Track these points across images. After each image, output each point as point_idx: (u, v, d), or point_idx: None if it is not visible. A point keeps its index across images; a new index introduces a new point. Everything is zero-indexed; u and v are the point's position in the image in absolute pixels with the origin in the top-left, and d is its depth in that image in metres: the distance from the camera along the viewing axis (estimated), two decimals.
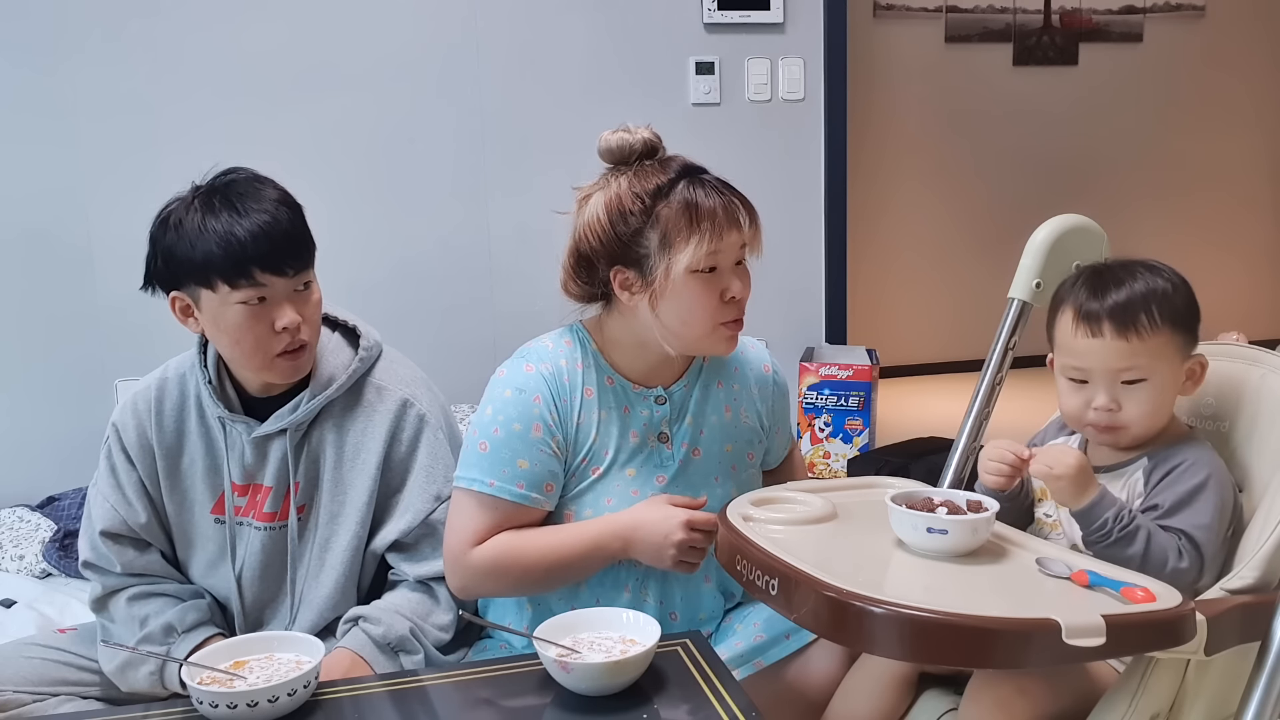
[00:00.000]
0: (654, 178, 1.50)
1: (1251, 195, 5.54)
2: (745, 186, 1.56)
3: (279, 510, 1.62)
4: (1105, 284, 1.38)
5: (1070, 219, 1.67)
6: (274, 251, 1.50)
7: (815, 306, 3.58)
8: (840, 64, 3.46)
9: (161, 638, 1.58)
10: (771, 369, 1.73)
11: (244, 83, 3.10)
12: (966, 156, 5.14)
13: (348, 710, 1.30)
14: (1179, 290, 1.38)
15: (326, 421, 1.63)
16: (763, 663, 1.58)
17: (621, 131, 1.54)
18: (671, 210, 1.48)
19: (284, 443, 1.61)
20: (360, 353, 1.65)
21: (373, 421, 1.63)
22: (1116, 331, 1.35)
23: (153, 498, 1.65)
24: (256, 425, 1.61)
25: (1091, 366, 1.38)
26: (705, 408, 1.62)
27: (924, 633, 1.09)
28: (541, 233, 1.63)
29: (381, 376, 1.66)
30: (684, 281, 1.48)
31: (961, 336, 5.05)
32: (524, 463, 1.52)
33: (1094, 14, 5.20)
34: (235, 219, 1.49)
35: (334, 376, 1.62)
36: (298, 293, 1.55)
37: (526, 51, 3.27)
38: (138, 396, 1.66)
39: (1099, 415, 1.37)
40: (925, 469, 2.65)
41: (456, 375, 1.67)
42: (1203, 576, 1.31)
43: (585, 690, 1.29)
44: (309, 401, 1.60)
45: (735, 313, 1.53)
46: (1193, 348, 1.39)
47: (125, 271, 3.06)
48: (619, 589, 1.58)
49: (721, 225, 1.48)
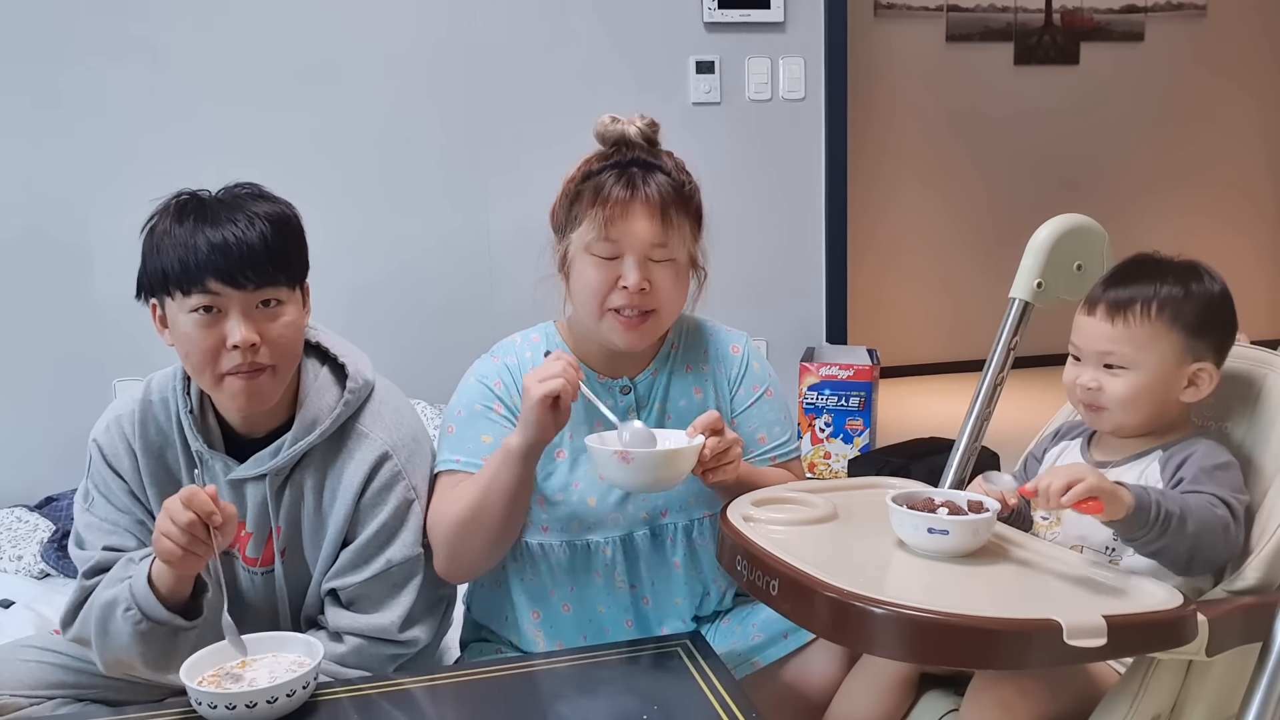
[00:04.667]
0: (599, 161, 1.55)
1: (1252, 195, 5.54)
2: (745, 186, 1.56)
3: (260, 556, 1.57)
4: (1125, 274, 1.43)
5: (1071, 219, 1.67)
6: (231, 261, 1.41)
7: (816, 306, 3.58)
8: (841, 63, 3.46)
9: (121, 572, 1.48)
10: (742, 350, 1.68)
11: (243, 83, 3.10)
12: (967, 156, 5.14)
13: (348, 710, 1.30)
14: (1196, 298, 1.38)
15: (309, 466, 1.54)
16: (760, 662, 1.58)
17: (607, 118, 1.58)
18: (586, 189, 1.52)
19: (262, 487, 1.53)
20: (346, 395, 1.54)
21: (348, 469, 1.53)
22: (1106, 314, 1.39)
23: (143, 521, 1.55)
24: (235, 465, 1.52)
25: (1081, 344, 1.42)
26: (672, 393, 1.62)
27: (924, 633, 1.08)
28: (541, 232, 1.63)
29: (367, 422, 1.56)
30: (580, 260, 1.52)
31: (962, 336, 5.04)
32: (488, 437, 1.56)
33: (1095, 13, 5.20)
34: (200, 228, 1.43)
35: (318, 420, 1.52)
36: (259, 309, 1.45)
37: (526, 51, 3.27)
38: (122, 418, 1.56)
39: (1082, 391, 1.41)
40: (926, 469, 2.65)
41: (456, 375, 1.66)
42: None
43: (642, 484, 1.39)
44: (290, 447, 1.51)
45: (623, 300, 1.50)
46: (1203, 355, 1.38)
47: (125, 272, 3.05)
48: (590, 574, 1.59)
49: (620, 213, 1.49)
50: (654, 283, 1.51)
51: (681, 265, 1.55)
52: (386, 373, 1.68)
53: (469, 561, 1.55)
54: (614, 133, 1.57)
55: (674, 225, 1.51)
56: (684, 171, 1.57)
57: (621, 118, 1.57)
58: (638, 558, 1.60)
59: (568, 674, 1.40)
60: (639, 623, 1.62)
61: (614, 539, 1.59)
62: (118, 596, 1.43)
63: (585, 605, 1.61)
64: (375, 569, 1.53)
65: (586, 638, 1.61)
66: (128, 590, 1.42)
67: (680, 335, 1.66)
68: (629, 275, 1.50)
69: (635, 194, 1.50)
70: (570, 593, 1.60)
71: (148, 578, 1.41)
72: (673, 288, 1.54)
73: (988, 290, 3.27)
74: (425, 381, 2.92)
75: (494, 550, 1.55)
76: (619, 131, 1.56)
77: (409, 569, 1.55)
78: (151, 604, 1.41)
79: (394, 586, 1.54)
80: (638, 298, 1.50)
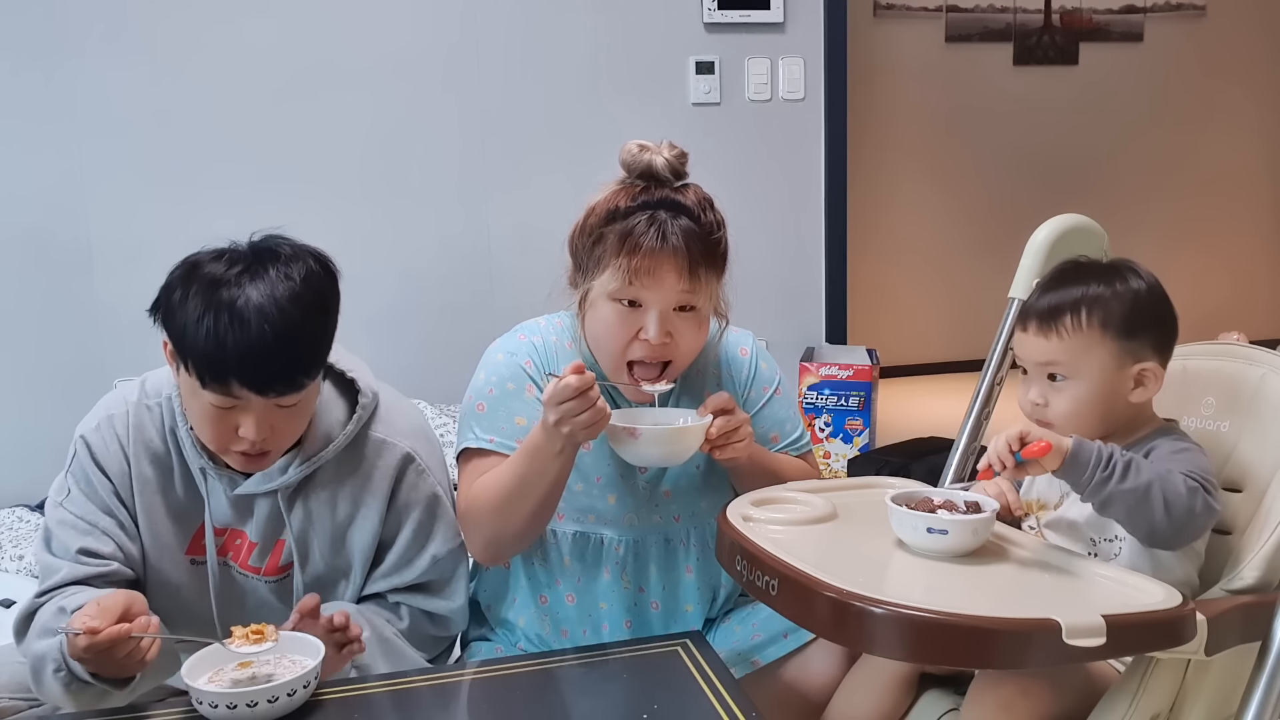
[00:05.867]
0: (627, 199, 1.50)
1: (1252, 194, 5.54)
2: (745, 187, 1.56)
3: (264, 565, 1.56)
4: (1053, 284, 1.43)
5: (1070, 219, 1.67)
6: (260, 376, 1.36)
7: (815, 306, 3.58)
8: (840, 64, 3.46)
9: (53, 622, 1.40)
10: (750, 351, 1.68)
11: (244, 82, 3.10)
12: (966, 156, 5.14)
13: (349, 710, 1.30)
14: (1122, 298, 1.37)
15: (322, 476, 1.52)
16: (760, 662, 1.58)
17: (635, 146, 1.54)
18: (614, 234, 1.48)
19: (270, 501, 1.52)
20: (358, 411, 1.53)
21: (373, 477, 1.53)
22: (1038, 328, 1.40)
23: (124, 525, 1.51)
24: (240, 480, 1.50)
25: (1023, 359, 1.44)
26: (683, 401, 1.62)
27: (924, 633, 1.09)
28: (541, 232, 1.63)
29: (381, 429, 1.55)
30: (602, 304, 1.50)
31: (962, 336, 5.04)
32: (521, 419, 1.55)
33: (1094, 13, 5.20)
34: (231, 328, 1.33)
35: (329, 435, 1.51)
36: (277, 409, 1.41)
37: (526, 51, 3.27)
38: (114, 418, 1.52)
39: (1030, 407, 1.43)
40: (926, 469, 2.65)
41: (456, 375, 1.66)
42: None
43: (651, 458, 1.46)
44: (301, 465, 1.50)
45: (643, 352, 1.49)
46: (1143, 355, 1.37)
47: (125, 271, 3.09)
48: (599, 570, 1.60)
49: (649, 265, 1.46)
50: (674, 334, 1.50)
51: (704, 314, 1.54)
52: (387, 373, 1.68)
53: (509, 542, 1.57)
54: (641, 163, 1.52)
55: (701, 281, 1.49)
56: (710, 208, 1.53)
57: (650, 145, 1.53)
58: (648, 561, 1.61)
59: (568, 673, 1.40)
60: (639, 626, 1.62)
61: (627, 540, 1.59)
62: (47, 654, 1.37)
63: (589, 598, 1.61)
64: (422, 566, 1.55)
65: (586, 632, 1.62)
66: (58, 650, 1.35)
67: None
68: (650, 328, 1.48)
69: (664, 245, 1.46)
70: (577, 584, 1.61)
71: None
72: (693, 338, 1.53)
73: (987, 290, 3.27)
74: (425, 381, 2.92)
75: (534, 531, 1.56)
76: (646, 162, 1.52)
77: (455, 558, 1.59)
78: (80, 670, 1.34)
79: (447, 577, 1.58)
80: (658, 350, 1.49)
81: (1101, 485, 1.25)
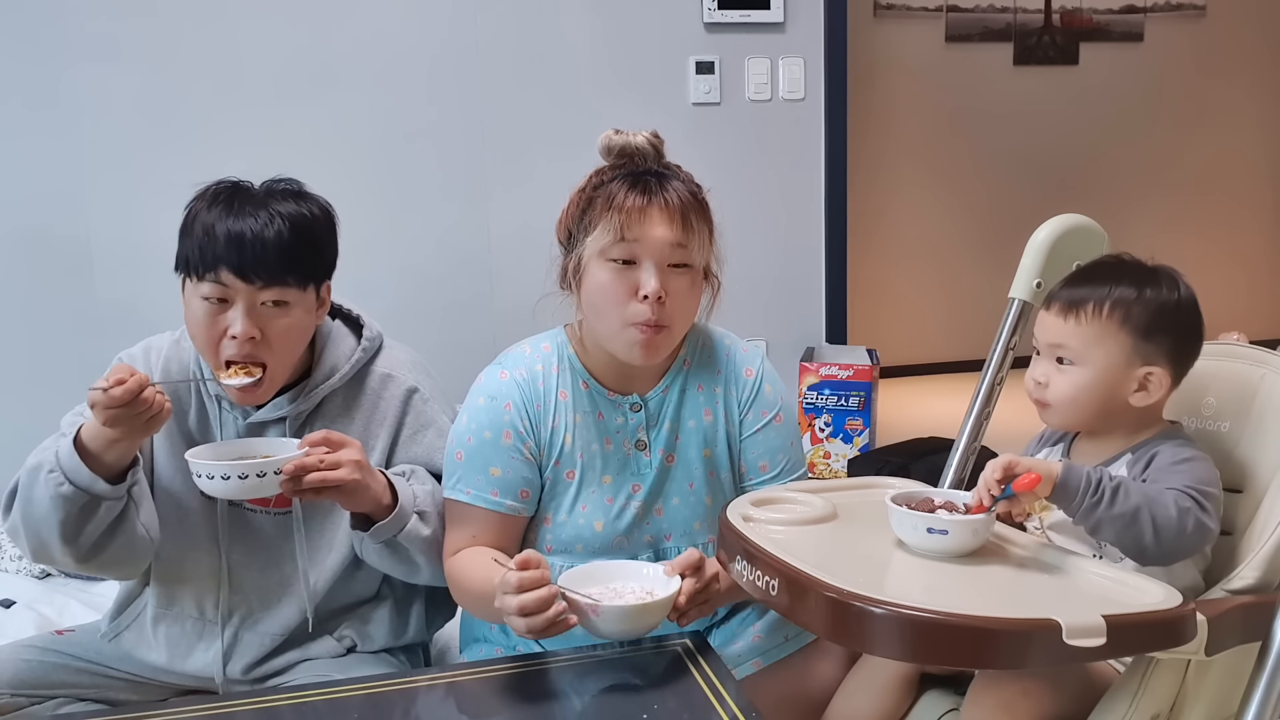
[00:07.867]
0: (608, 172, 1.52)
1: (1252, 194, 5.54)
2: (745, 186, 1.56)
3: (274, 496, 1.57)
4: (1089, 273, 1.44)
5: (1071, 219, 1.67)
6: (244, 256, 1.46)
7: (815, 306, 3.58)
8: (840, 64, 3.46)
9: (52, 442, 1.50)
10: (756, 373, 1.62)
11: (243, 82, 3.11)
12: (966, 156, 5.14)
13: (348, 710, 1.30)
14: (1149, 302, 1.37)
15: (329, 408, 1.61)
16: (761, 662, 1.58)
17: (611, 131, 1.55)
18: (599, 196, 1.49)
19: (281, 430, 1.59)
20: (364, 342, 1.65)
21: (379, 407, 1.63)
22: (1060, 310, 1.41)
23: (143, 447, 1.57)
24: (253, 412, 1.59)
25: (1038, 337, 1.45)
26: (683, 412, 1.59)
27: (924, 633, 1.08)
28: (542, 231, 1.63)
29: (386, 364, 1.66)
30: (596, 268, 1.48)
31: (962, 336, 5.04)
32: (496, 470, 1.53)
33: (1094, 13, 5.20)
34: (223, 218, 1.47)
35: (336, 366, 1.61)
36: (264, 307, 1.49)
37: (526, 51, 3.27)
38: (151, 349, 1.64)
39: (1033, 386, 1.43)
40: (926, 469, 2.65)
41: (456, 374, 1.67)
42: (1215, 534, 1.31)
43: (612, 634, 1.35)
44: (311, 391, 1.59)
45: (645, 313, 1.46)
46: (1154, 359, 1.37)
47: (125, 271, 3.09)
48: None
49: (638, 216, 1.45)
50: (669, 293, 1.46)
51: (697, 274, 1.51)
52: None
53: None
54: (619, 143, 1.53)
55: (693, 229, 1.48)
56: (695, 183, 1.54)
57: (625, 130, 1.54)
58: None
59: (567, 674, 1.40)
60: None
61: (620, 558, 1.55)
62: (43, 460, 1.47)
63: None
64: (433, 483, 1.60)
65: None
66: (53, 454, 1.45)
67: (694, 349, 1.62)
68: (647, 282, 1.45)
69: (653, 198, 1.46)
70: None
71: (75, 439, 1.43)
72: (687, 299, 1.50)
73: (987, 290, 3.27)
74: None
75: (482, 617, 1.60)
76: (624, 141, 1.53)
77: None
78: (75, 465, 1.43)
79: None
80: (656, 307, 1.46)
81: (1090, 511, 1.26)
